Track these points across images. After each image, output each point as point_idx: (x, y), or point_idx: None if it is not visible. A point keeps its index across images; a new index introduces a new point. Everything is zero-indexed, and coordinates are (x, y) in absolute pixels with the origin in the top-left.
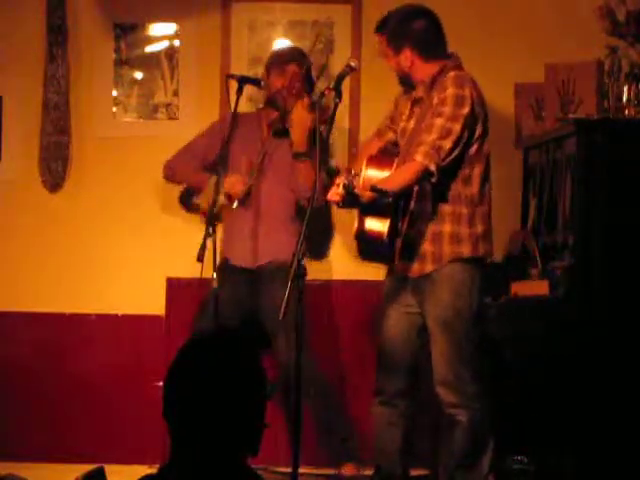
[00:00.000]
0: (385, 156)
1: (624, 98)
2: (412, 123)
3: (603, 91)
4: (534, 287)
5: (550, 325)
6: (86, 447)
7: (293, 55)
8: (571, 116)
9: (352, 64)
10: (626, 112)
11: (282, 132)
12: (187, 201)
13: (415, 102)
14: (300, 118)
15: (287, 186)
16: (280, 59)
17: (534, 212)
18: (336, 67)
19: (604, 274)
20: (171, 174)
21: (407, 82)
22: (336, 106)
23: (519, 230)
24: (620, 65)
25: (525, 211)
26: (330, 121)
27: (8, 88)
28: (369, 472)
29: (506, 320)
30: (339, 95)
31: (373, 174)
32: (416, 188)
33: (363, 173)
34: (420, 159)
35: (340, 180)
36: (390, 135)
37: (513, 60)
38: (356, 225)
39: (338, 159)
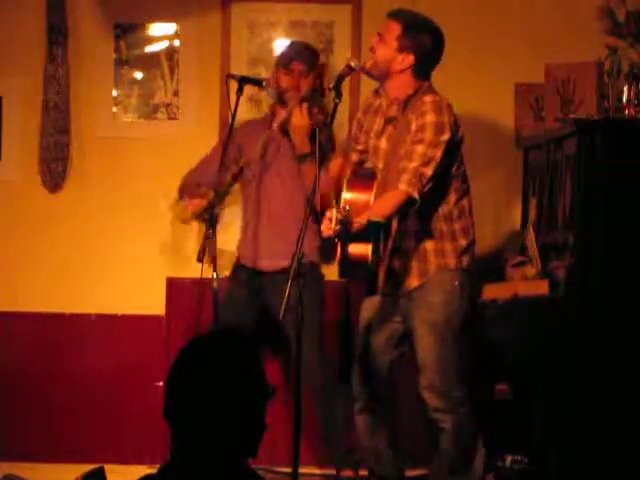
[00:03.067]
0: (363, 179)
1: (624, 98)
2: (384, 142)
3: (603, 91)
4: (534, 287)
5: (550, 325)
6: (86, 447)
7: (298, 53)
8: (571, 116)
9: (352, 64)
10: (626, 112)
11: (287, 133)
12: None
13: (388, 121)
14: (297, 122)
15: (293, 186)
16: (285, 57)
17: (534, 212)
18: (336, 67)
19: (604, 274)
20: (183, 186)
21: (375, 78)
22: (336, 106)
23: (519, 230)
24: (620, 65)
25: (525, 211)
26: (330, 121)
27: (8, 88)
28: (362, 473)
29: (506, 320)
30: (339, 95)
31: (355, 198)
32: None
33: (343, 197)
34: (404, 188)
35: (331, 214)
36: (355, 157)
37: (513, 60)
38: (339, 250)
39: None
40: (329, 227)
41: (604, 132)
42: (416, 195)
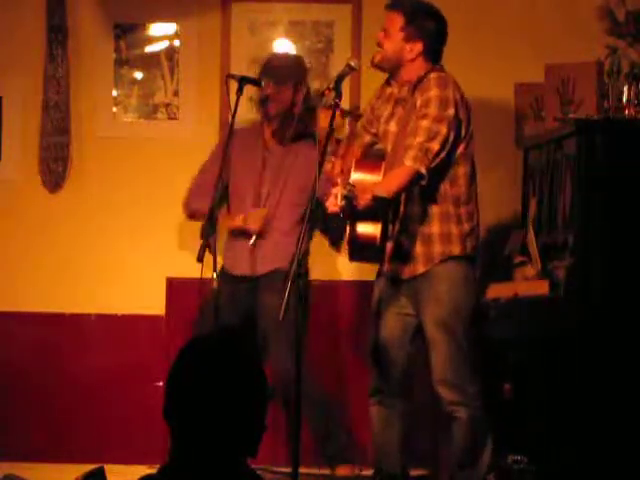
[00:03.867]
0: (372, 160)
1: (624, 98)
2: (393, 125)
3: (603, 91)
4: (534, 287)
5: (550, 325)
6: (86, 447)
7: (290, 76)
8: (571, 116)
9: (352, 64)
10: (626, 112)
11: (294, 139)
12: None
13: (397, 102)
14: (325, 126)
15: (297, 191)
16: (277, 80)
17: (534, 212)
18: (336, 67)
19: (604, 274)
20: (191, 215)
21: (386, 70)
22: (336, 106)
23: (519, 230)
24: (620, 65)
25: (525, 211)
26: (331, 122)
27: (8, 88)
28: (365, 472)
29: (506, 320)
30: (339, 95)
31: (363, 178)
32: None
33: (352, 177)
34: (410, 163)
35: (337, 191)
36: (367, 138)
37: (513, 60)
38: (348, 230)
39: None
40: (334, 203)
41: (604, 132)
42: (423, 170)
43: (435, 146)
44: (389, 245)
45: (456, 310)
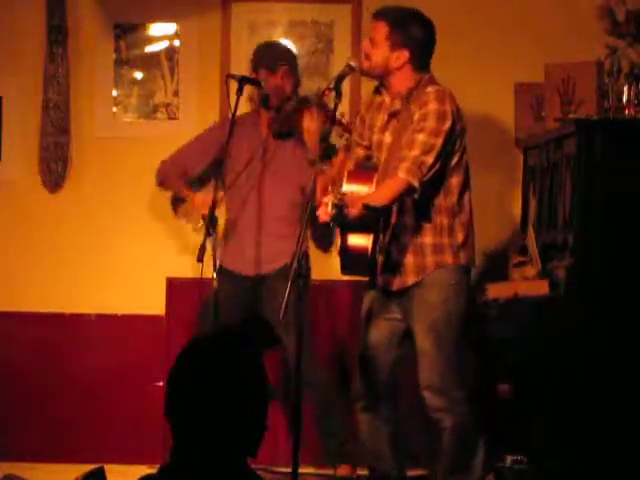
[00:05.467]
0: (364, 171)
1: (624, 98)
2: (388, 136)
3: (603, 91)
4: (534, 287)
5: (550, 325)
6: (86, 447)
7: (285, 56)
8: (571, 116)
9: (352, 64)
10: (626, 112)
11: (285, 134)
12: (175, 206)
13: (392, 115)
14: (312, 127)
15: (291, 188)
16: (271, 59)
17: (534, 212)
18: (336, 67)
19: (604, 274)
20: (159, 181)
21: (375, 78)
22: (336, 106)
23: (519, 230)
24: (620, 65)
25: (525, 211)
26: (330, 122)
27: (8, 88)
28: (362, 472)
29: (506, 320)
30: (339, 95)
31: (355, 189)
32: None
33: (344, 188)
34: (403, 175)
35: (329, 199)
36: (361, 152)
37: (513, 60)
38: (339, 241)
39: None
40: (325, 212)
41: (604, 132)
42: (416, 183)
43: (429, 159)
44: (380, 257)
45: (446, 315)
